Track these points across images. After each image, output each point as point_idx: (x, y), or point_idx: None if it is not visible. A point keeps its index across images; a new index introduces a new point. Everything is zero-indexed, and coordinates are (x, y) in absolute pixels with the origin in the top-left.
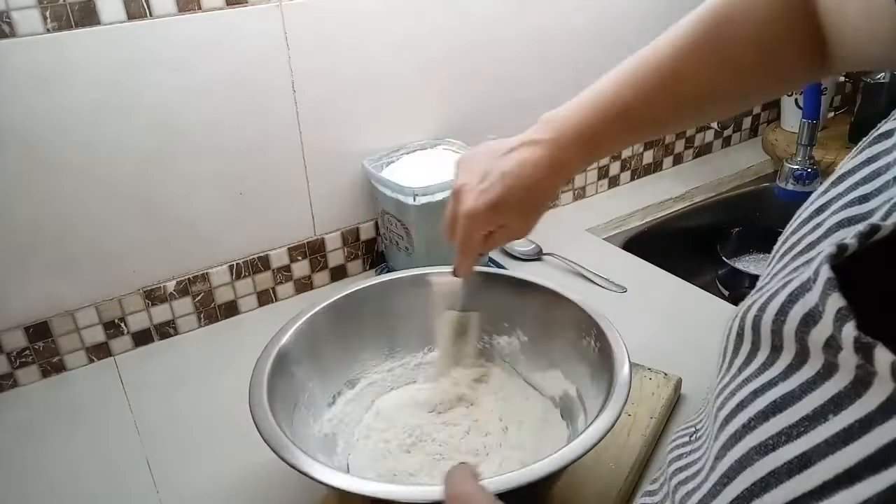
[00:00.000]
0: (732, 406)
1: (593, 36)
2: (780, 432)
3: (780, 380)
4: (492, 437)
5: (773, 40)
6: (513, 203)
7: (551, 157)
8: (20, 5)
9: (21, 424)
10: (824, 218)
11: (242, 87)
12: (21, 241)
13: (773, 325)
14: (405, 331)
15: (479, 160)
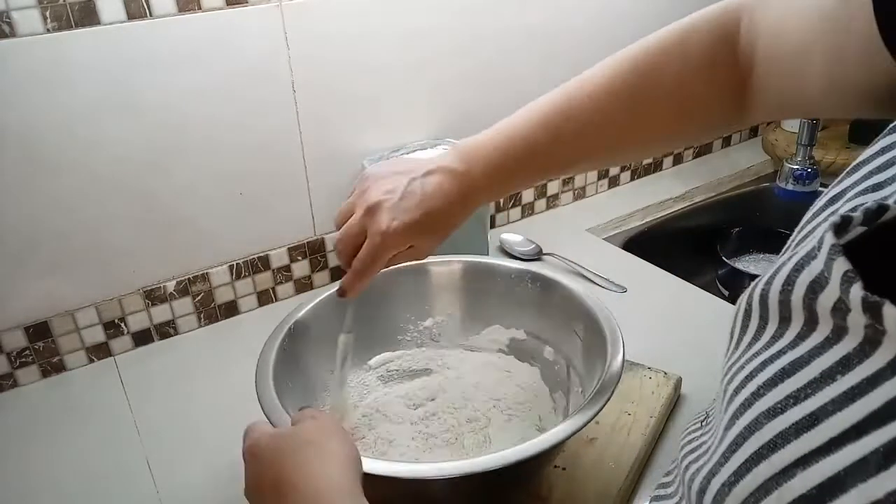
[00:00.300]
0: (741, 378)
1: (593, 35)
2: (788, 396)
3: (789, 348)
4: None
5: (690, 96)
6: (428, 227)
7: (461, 191)
8: (20, 5)
9: (21, 424)
10: (838, 206)
11: (242, 88)
12: (21, 240)
13: (781, 295)
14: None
15: (394, 177)
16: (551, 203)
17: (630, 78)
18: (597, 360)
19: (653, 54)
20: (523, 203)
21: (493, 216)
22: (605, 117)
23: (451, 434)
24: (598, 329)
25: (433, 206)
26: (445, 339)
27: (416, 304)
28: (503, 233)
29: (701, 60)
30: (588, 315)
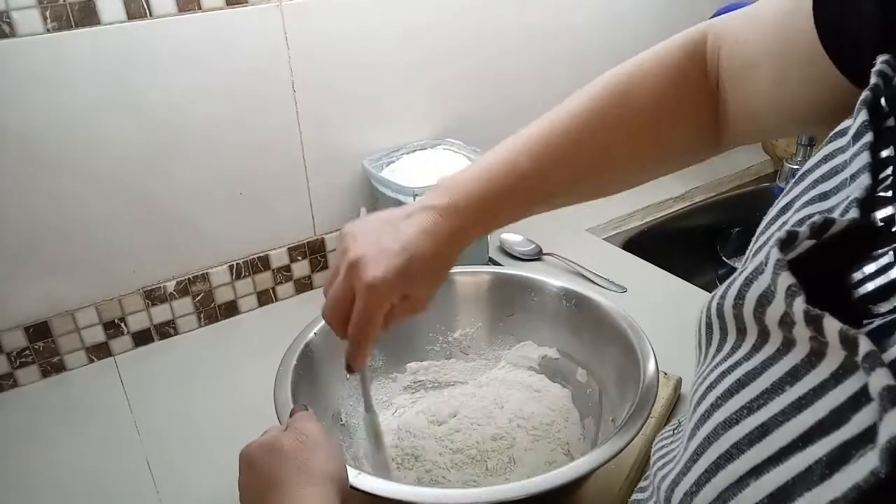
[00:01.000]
0: (703, 389)
1: (593, 34)
2: (742, 406)
3: (745, 359)
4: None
5: (667, 113)
6: (416, 274)
7: (450, 228)
8: (20, 5)
9: (21, 424)
10: (788, 217)
11: (242, 88)
12: (21, 241)
13: (734, 309)
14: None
15: (374, 230)
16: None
17: (606, 100)
18: (629, 387)
19: (628, 76)
20: None
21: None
22: (584, 141)
23: (476, 450)
24: (632, 356)
25: (418, 249)
26: (474, 352)
27: (444, 314)
28: (503, 233)
29: (673, 80)
30: (623, 339)
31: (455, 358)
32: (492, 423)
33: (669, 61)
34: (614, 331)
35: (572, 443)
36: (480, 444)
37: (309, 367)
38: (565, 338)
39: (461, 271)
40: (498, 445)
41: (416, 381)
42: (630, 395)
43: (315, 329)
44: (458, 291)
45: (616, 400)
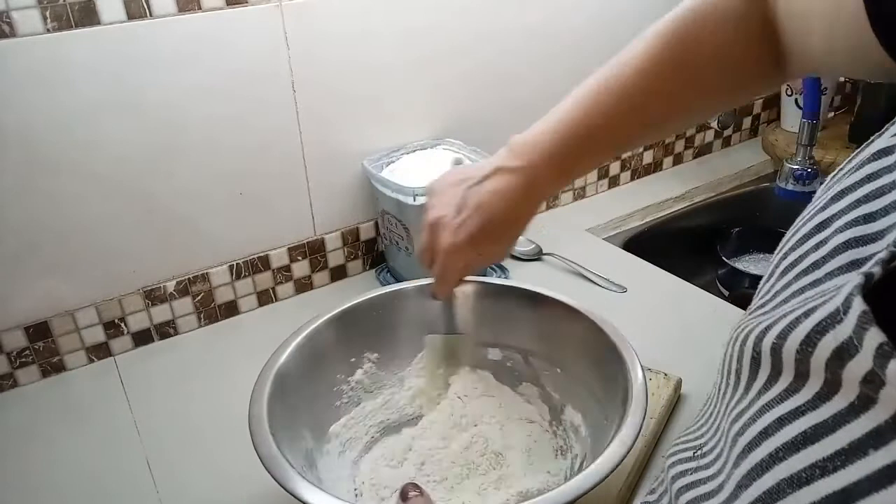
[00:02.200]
0: (755, 433)
1: (593, 34)
2: (813, 465)
3: (809, 409)
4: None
5: (733, 55)
6: (490, 234)
7: (525, 185)
8: (20, 5)
9: (21, 424)
10: (827, 235)
11: (242, 88)
12: (21, 241)
13: (799, 353)
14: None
15: (452, 189)
16: (551, 203)
17: (671, 45)
18: (610, 387)
19: (688, 20)
20: None
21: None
22: (653, 88)
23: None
24: (601, 343)
25: (493, 212)
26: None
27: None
28: None
29: (734, 21)
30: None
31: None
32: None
33: (732, 8)
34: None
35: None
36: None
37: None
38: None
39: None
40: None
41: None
42: (612, 393)
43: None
44: None
45: (590, 397)
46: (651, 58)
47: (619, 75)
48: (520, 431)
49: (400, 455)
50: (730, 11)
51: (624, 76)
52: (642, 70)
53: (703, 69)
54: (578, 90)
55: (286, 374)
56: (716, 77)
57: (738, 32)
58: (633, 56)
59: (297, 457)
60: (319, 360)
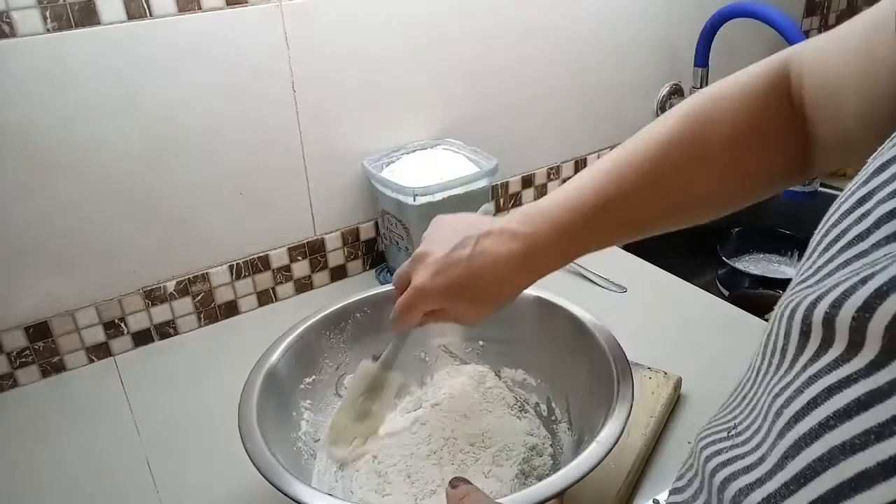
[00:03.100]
0: (802, 403)
1: (593, 33)
2: (867, 431)
3: (862, 376)
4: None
5: (750, 143)
6: (467, 292)
7: (525, 254)
8: (20, 5)
9: (21, 424)
10: (869, 208)
11: (242, 88)
12: (21, 241)
13: (855, 321)
14: None
15: (455, 231)
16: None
17: (689, 120)
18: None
19: (712, 101)
20: (523, 203)
21: (493, 217)
22: (667, 163)
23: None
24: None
25: (479, 273)
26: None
27: None
28: None
29: (754, 110)
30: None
31: None
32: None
33: (751, 91)
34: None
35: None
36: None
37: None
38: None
39: None
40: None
41: None
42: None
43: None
44: None
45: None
46: (668, 132)
47: (634, 149)
48: (480, 412)
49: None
50: (752, 99)
51: (639, 151)
52: (657, 144)
53: (719, 149)
54: (596, 163)
55: (276, 373)
56: (733, 159)
57: (758, 115)
58: (651, 131)
59: (289, 455)
60: (311, 359)
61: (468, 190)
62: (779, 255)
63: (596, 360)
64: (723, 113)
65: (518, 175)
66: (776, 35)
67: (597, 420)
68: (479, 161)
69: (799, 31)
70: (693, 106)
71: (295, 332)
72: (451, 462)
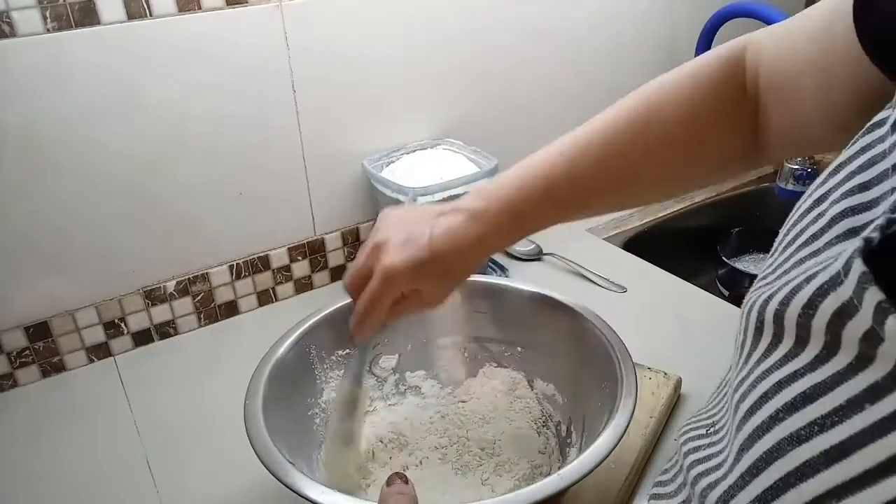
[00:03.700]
0: (755, 398)
1: (593, 32)
2: (812, 422)
3: (808, 370)
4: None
5: (700, 126)
6: (435, 268)
7: (477, 231)
8: (20, 5)
9: (21, 424)
10: (825, 208)
11: (242, 88)
12: (21, 240)
13: (801, 318)
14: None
15: (407, 220)
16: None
17: (641, 110)
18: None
19: (664, 87)
20: None
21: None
22: (618, 150)
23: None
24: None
25: (442, 246)
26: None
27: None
28: None
29: (706, 93)
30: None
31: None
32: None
33: (705, 75)
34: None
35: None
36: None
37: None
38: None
39: None
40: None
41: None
42: (603, 387)
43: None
44: None
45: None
46: (616, 118)
47: (587, 130)
48: (501, 419)
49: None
50: (705, 82)
51: (590, 131)
52: (607, 128)
53: (665, 135)
54: (553, 143)
55: (282, 370)
56: (683, 145)
57: (707, 102)
58: (604, 113)
59: (296, 455)
60: (309, 362)
61: (468, 190)
62: (769, 256)
63: (609, 381)
64: (672, 99)
65: None
66: None
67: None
68: (479, 161)
69: None
70: (644, 92)
71: (334, 307)
72: (457, 461)
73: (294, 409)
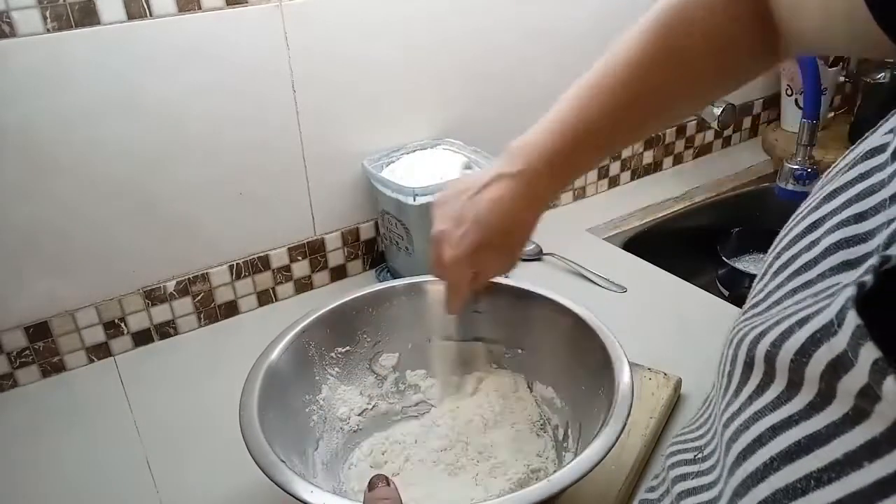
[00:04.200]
0: (748, 441)
1: (593, 31)
2: (808, 475)
3: (803, 418)
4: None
5: (724, 37)
6: (490, 245)
7: (525, 191)
8: (20, 5)
9: (21, 424)
10: (819, 235)
11: (242, 88)
12: (21, 241)
13: (793, 363)
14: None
15: (454, 201)
16: (551, 203)
17: (660, 33)
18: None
19: (677, 6)
20: None
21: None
22: (645, 79)
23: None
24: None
25: (491, 221)
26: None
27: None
28: None
29: (730, 7)
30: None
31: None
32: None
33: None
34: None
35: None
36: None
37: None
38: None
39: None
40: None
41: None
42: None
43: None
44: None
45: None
46: (641, 48)
47: (611, 70)
48: (499, 421)
49: (380, 458)
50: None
51: (616, 71)
52: (633, 62)
53: (694, 54)
54: (572, 89)
55: (277, 370)
56: (708, 61)
57: (728, 13)
58: (624, 49)
59: (291, 452)
60: (349, 330)
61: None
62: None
63: (606, 386)
64: (694, 16)
65: None
66: None
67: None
68: (479, 161)
69: None
70: (664, 13)
71: (335, 304)
72: (454, 462)
73: (291, 405)
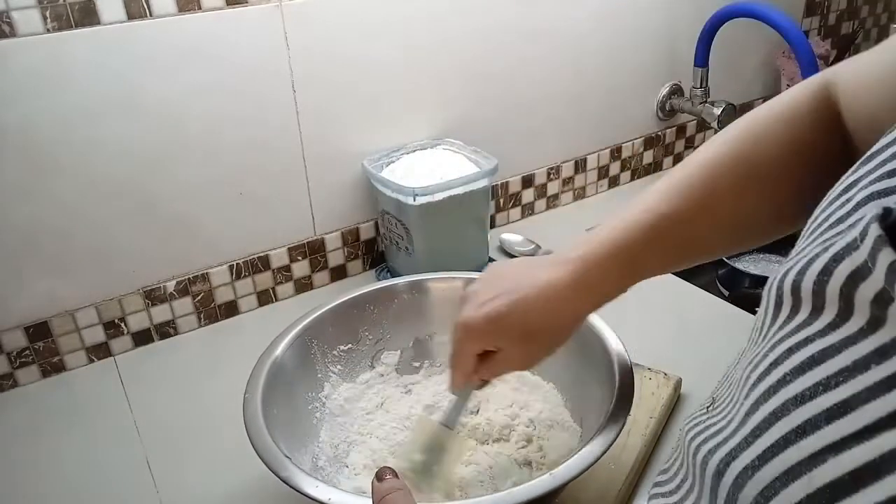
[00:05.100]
0: (766, 365)
1: (593, 32)
2: (817, 383)
3: (818, 336)
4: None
5: (799, 145)
6: (513, 322)
7: (575, 278)
8: (20, 5)
9: (21, 424)
10: (853, 194)
11: (242, 88)
12: (21, 240)
13: (816, 285)
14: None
15: (506, 273)
16: (551, 203)
17: (738, 144)
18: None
19: (756, 122)
20: (523, 203)
21: (493, 216)
22: (717, 181)
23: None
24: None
25: (525, 301)
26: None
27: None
28: (503, 233)
29: (804, 120)
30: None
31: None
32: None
33: (796, 108)
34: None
35: None
36: None
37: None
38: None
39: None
40: None
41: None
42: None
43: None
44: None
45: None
46: (715, 155)
47: (683, 175)
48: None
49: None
50: (797, 112)
51: (688, 171)
52: (706, 167)
53: (768, 168)
54: (640, 194)
55: (280, 367)
56: (783, 176)
57: (805, 131)
58: (699, 156)
59: (293, 448)
60: (351, 328)
61: (468, 190)
62: (779, 255)
63: (607, 385)
64: (770, 132)
65: (518, 175)
66: (776, 35)
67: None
68: (479, 161)
69: (799, 31)
70: (740, 128)
71: (337, 302)
72: None
73: (294, 402)
